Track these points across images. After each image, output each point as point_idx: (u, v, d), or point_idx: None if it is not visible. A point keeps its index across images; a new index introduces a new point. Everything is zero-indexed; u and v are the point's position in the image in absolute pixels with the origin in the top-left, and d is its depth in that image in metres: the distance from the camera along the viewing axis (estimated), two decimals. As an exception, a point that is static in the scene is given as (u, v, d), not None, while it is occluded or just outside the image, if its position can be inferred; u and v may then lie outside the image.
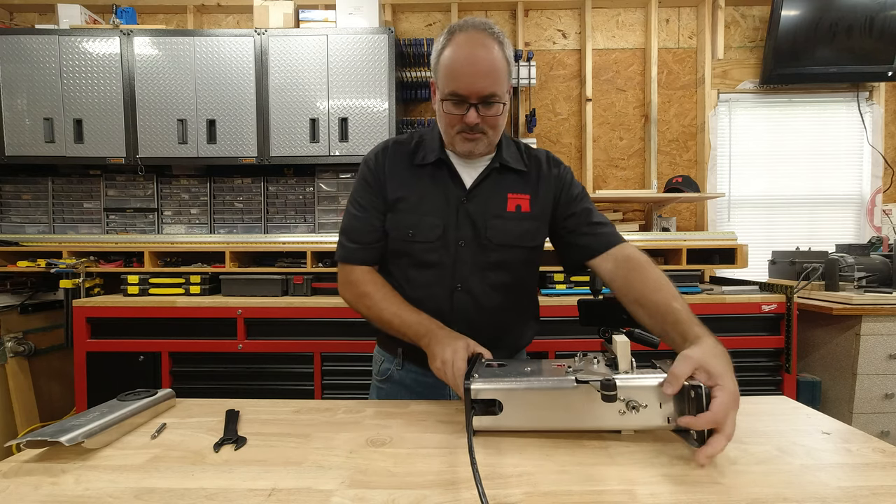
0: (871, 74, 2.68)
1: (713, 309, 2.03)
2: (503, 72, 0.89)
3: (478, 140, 0.93)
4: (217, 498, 0.56)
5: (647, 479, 0.59)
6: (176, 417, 0.82)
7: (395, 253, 1.01)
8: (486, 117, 0.90)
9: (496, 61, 0.88)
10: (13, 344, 2.15)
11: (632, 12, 2.85)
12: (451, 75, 0.88)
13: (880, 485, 0.58)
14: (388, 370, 1.06)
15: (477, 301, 0.98)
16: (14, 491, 0.58)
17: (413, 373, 1.03)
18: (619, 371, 0.72)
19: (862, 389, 1.99)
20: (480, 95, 0.88)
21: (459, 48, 0.88)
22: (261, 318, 2.00)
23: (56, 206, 2.58)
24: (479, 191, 0.98)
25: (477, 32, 0.88)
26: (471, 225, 0.97)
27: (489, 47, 0.87)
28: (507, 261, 0.99)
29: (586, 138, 2.80)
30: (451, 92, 0.89)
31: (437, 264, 0.98)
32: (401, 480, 0.60)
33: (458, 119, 0.91)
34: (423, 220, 0.97)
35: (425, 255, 0.97)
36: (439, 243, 0.97)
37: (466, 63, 0.87)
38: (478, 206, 0.98)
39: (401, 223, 0.98)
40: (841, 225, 2.88)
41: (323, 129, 2.36)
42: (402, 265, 1.01)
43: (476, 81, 0.87)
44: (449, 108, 0.90)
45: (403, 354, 1.04)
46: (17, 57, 2.33)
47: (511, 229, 0.98)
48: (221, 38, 2.35)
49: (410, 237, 0.97)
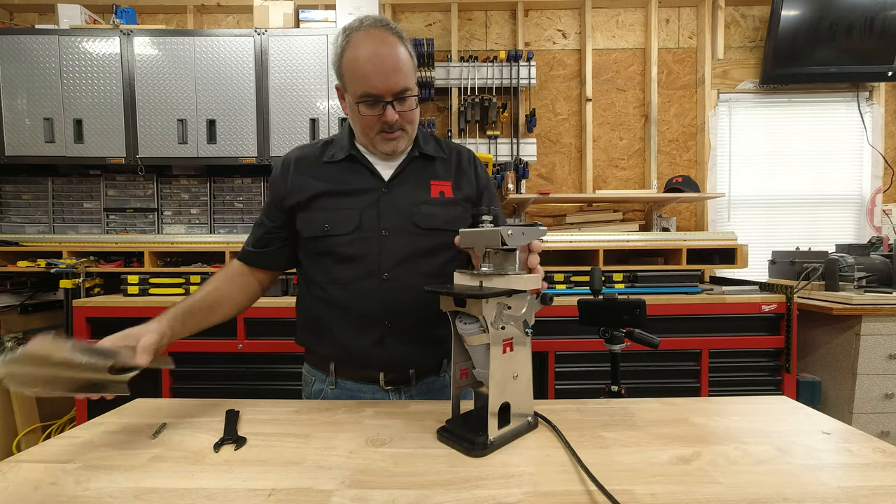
0: (871, 74, 2.68)
1: (713, 309, 2.03)
2: (410, 66, 0.89)
3: (399, 138, 0.93)
4: (217, 498, 0.56)
5: (647, 479, 0.59)
6: (176, 417, 0.81)
7: (315, 253, 0.97)
8: (403, 112, 0.90)
9: (401, 55, 0.87)
10: (13, 344, 2.15)
11: (632, 12, 2.85)
12: (359, 76, 0.86)
13: (880, 485, 0.58)
14: (321, 391, 1.00)
15: (408, 291, 0.93)
16: (14, 491, 0.58)
17: (348, 390, 0.98)
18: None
19: (862, 389, 1.99)
20: (393, 92, 0.87)
21: (362, 48, 0.85)
22: (261, 318, 2.00)
23: (56, 206, 2.58)
24: (402, 179, 0.98)
25: (375, 30, 0.86)
26: (396, 213, 0.95)
27: (391, 43, 0.86)
28: (437, 247, 0.96)
29: (586, 138, 2.80)
30: (363, 93, 0.87)
31: (361, 257, 0.94)
32: (401, 480, 0.60)
33: (375, 120, 0.90)
34: (338, 214, 0.94)
35: (345, 248, 0.94)
36: (357, 234, 0.94)
37: (373, 62, 0.85)
38: (401, 193, 0.96)
39: (314, 220, 0.95)
40: (841, 225, 2.88)
41: (323, 129, 2.36)
42: (324, 265, 0.96)
43: (387, 78, 0.86)
44: (364, 110, 0.89)
45: (336, 371, 0.98)
46: (17, 57, 2.33)
47: (439, 214, 0.97)
48: (221, 38, 2.35)
49: (326, 231, 0.94)
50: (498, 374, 0.70)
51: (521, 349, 0.74)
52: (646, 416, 0.82)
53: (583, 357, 2.00)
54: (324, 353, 0.99)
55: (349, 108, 0.93)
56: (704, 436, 0.73)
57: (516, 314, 0.71)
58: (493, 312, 0.69)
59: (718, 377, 2.03)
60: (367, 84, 0.86)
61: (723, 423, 0.77)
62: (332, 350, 0.97)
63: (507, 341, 0.71)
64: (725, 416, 0.81)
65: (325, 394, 0.99)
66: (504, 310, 0.70)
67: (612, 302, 1.12)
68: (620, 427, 0.77)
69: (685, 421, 0.79)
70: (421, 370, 0.98)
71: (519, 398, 0.74)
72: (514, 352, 0.72)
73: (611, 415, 0.83)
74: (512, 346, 0.72)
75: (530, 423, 0.76)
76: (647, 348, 1.12)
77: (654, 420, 0.80)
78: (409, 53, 0.90)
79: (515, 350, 0.73)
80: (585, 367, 2.00)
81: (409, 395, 0.98)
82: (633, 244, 2.27)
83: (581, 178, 2.86)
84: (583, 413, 0.84)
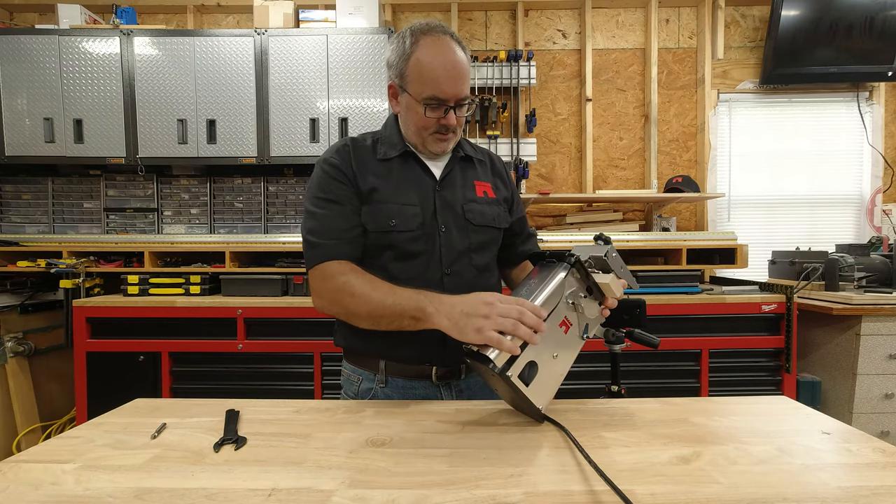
0: (871, 74, 2.68)
1: (713, 309, 2.03)
2: (470, 74, 0.96)
3: (449, 139, 0.98)
4: (217, 498, 0.56)
5: (647, 479, 0.59)
6: (176, 417, 0.81)
7: (375, 249, 0.96)
8: (459, 118, 0.96)
9: (467, 65, 0.93)
10: (13, 344, 2.15)
11: (632, 12, 2.85)
12: (429, 79, 0.90)
13: (880, 485, 0.58)
14: (371, 390, 0.98)
15: (468, 284, 0.95)
16: (14, 491, 0.58)
17: (400, 388, 0.98)
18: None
19: (862, 389, 1.99)
20: (459, 98, 0.93)
21: (435, 53, 0.90)
22: (261, 318, 2.00)
23: (56, 206, 2.58)
24: (450, 179, 1.02)
25: (445, 37, 0.91)
26: (450, 210, 0.99)
27: (458, 52, 0.92)
28: (486, 242, 1.03)
29: (586, 138, 2.80)
30: (430, 96, 0.91)
31: (423, 252, 0.96)
32: (401, 480, 0.60)
33: (434, 122, 0.94)
34: (402, 209, 0.95)
35: (409, 244, 0.95)
36: (421, 231, 0.95)
37: (447, 68, 0.90)
38: (452, 192, 1.01)
39: (379, 214, 0.94)
40: (841, 225, 2.88)
41: (323, 129, 2.36)
42: (383, 261, 0.95)
43: (456, 86, 0.91)
44: (429, 112, 0.92)
45: (387, 369, 0.97)
46: (17, 57, 2.33)
47: (486, 211, 1.03)
48: (221, 38, 2.35)
49: (392, 227, 0.94)
50: (543, 336, 0.72)
51: (572, 345, 0.79)
52: (646, 416, 0.82)
53: (583, 357, 1.99)
54: (375, 351, 0.98)
55: (407, 107, 0.96)
56: (704, 436, 0.73)
57: (585, 313, 0.76)
58: (574, 287, 0.75)
59: (718, 377, 2.03)
60: (436, 88, 0.90)
61: (723, 423, 0.77)
62: (388, 348, 0.96)
63: (566, 322, 0.76)
64: (725, 416, 0.80)
65: (374, 392, 0.99)
66: (581, 300, 0.76)
67: (612, 302, 1.12)
68: (620, 427, 0.77)
69: (685, 421, 0.79)
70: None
71: (544, 378, 0.75)
72: (567, 336, 0.77)
73: (611, 415, 0.82)
74: (567, 329, 0.77)
75: (539, 413, 0.76)
76: (647, 348, 1.12)
77: (654, 420, 0.80)
78: (469, 63, 0.96)
79: (568, 337, 0.78)
80: (585, 367, 2.00)
81: (458, 390, 1.01)
82: (633, 244, 2.27)
83: (581, 178, 2.86)
84: (583, 413, 0.84)
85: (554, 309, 0.75)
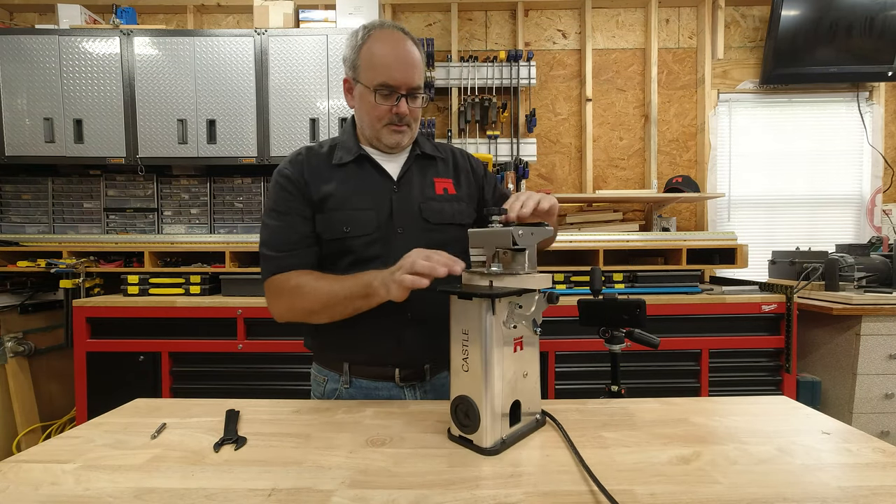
0: (871, 74, 2.68)
1: (713, 309, 2.03)
2: (423, 68, 0.97)
3: (404, 132, 0.98)
4: (217, 498, 0.56)
5: (648, 479, 0.59)
6: (176, 417, 0.81)
7: (333, 255, 0.97)
8: (412, 109, 0.96)
9: (418, 57, 0.95)
10: (13, 344, 2.15)
11: (632, 12, 2.85)
12: (380, 67, 0.92)
13: (880, 485, 0.58)
14: (335, 390, 1.00)
15: (432, 284, 0.95)
16: (14, 491, 0.58)
17: (364, 388, 0.98)
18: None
19: (862, 389, 1.99)
20: (410, 86, 0.94)
21: (385, 43, 0.92)
22: (261, 318, 2.00)
23: (56, 206, 2.58)
24: (408, 178, 1.01)
25: (397, 32, 0.94)
26: (407, 210, 0.98)
27: (409, 44, 0.94)
28: (447, 241, 0.97)
29: (586, 138, 2.80)
30: (381, 83, 0.92)
31: (380, 256, 0.95)
32: (401, 480, 0.60)
33: (387, 111, 0.94)
34: (356, 215, 0.95)
35: (366, 249, 0.95)
36: (377, 234, 0.95)
37: (396, 56, 0.92)
38: (409, 192, 1.00)
39: (333, 221, 0.95)
40: (841, 225, 2.88)
41: (323, 129, 2.36)
42: (342, 267, 0.96)
43: (406, 72, 0.92)
44: (379, 99, 0.93)
45: (350, 370, 0.98)
46: (17, 57, 2.33)
47: (446, 209, 1.02)
48: (221, 38, 2.35)
49: (346, 233, 0.95)
50: (509, 372, 0.71)
51: (530, 348, 0.75)
52: (646, 416, 0.82)
53: (583, 357, 2.00)
54: (338, 353, 1.00)
55: (360, 98, 0.97)
56: (704, 436, 0.73)
57: (526, 313, 0.71)
58: (506, 312, 0.70)
59: (718, 377, 2.03)
60: (386, 74, 0.91)
61: (723, 423, 0.77)
62: (349, 350, 0.98)
63: (517, 340, 0.73)
64: (725, 416, 0.81)
65: (339, 393, 1.00)
66: (515, 309, 0.71)
67: (612, 302, 1.12)
68: (621, 427, 0.77)
69: (685, 421, 0.79)
70: (436, 364, 1.00)
71: (528, 396, 0.75)
72: (523, 350, 0.74)
73: (611, 415, 0.83)
74: (522, 344, 0.73)
75: (538, 421, 0.77)
76: (647, 348, 1.12)
77: (654, 420, 0.80)
78: (423, 59, 0.97)
79: (525, 349, 0.74)
80: (585, 367, 2.00)
81: (423, 391, 1.00)
82: (633, 244, 2.27)
83: (581, 178, 2.86)
84: (583, 413, 0.84)
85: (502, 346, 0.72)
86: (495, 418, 0.69)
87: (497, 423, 0.69)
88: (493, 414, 0.68)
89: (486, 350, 0.68)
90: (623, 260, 2.51)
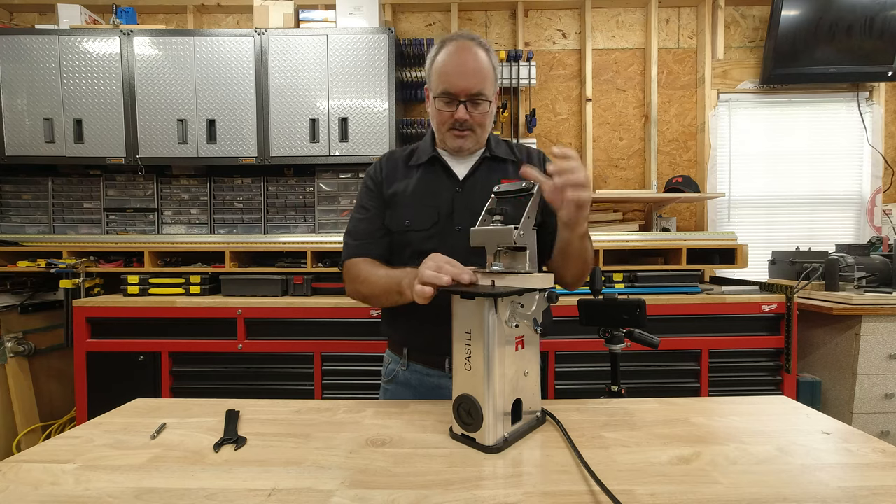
0: (871, 74, 2.68)
1: (713, 309, 2.03)
2: (489, 74, 1.00)
3: (466, 137, 1.03)
4: (217, 498, 0.56)
5: (648, 479, 0.59)
6: (176, 417, 0.81)
7: (398, 246, 1.06)
8: (474, 114, 1.01)
9: (482, 64, 0.99)
10: (13, 344, 2.15)
11: (632, 12, 2.85)
12: (442, 76, 0.99)
13: (880, 485, 0.58)
14: (394, 371, 1.10)
15: None
16: (14, 491, 0.58)
17: (418, 373, 1.06)
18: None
19: (862, 389, 1.99)
20: (468, 93, 0.98)
21: (450, 53, 0.99)
22: (261, 318, 2.00)
23: (56, 206, 2.58)
24: (474, 180, 1.06)
25: (465, 41, 1.00)
26: (468, 211, 1.01)
27: (476, 52, 0.99)
28: None
29: (586, 138, 2.80)
30: (442, 91, 0.99)
31: (437, 251, 0.97)
32: (401, 480, 0.60)
33: (448, 116, 1.01)
34: (419, 210, 1.03)
35: (424, 243, 1.02)
36: (435, 230, 1.02)
37: (456, 65, 0.98)
38: (473, 193, 1.04)
39: (398, 215, 1.05)
40: (841, 225, 2.88)
41: (323, 129, 2.36)
42: (404, 258, 1.05)
43: (464, 80, 0.97)
44: (441, 105, 1.01)
45: (408, 355, 1.07)
46: (17, 57, 2.33)
47: None
48: (221, 38, 2.35)
49: (408, 226, 1.04)
50: (511, 371, 0.72)
51: (530, 347, 0.76)
52: (646, 416, 0.82)
53: (583, 357, 2.00)
54: (399, 338, 1.09)
55: (431, 105, 1.05)
56: (704, 436, 0.73)
57: (527, 312, 0.72)
58: (507, 311, 0.71)
59: (718, 377, 2.03)
60: (447, 82, 0.98)
61: (723, 423, 0.78)
62: (406, 336, 1.07)
63: (518, 339, 0.74)
64: (725, 416, 0.81)
65: (397, 374, 1.10)
66: (517, 308, 0.72)
67: (612, 302, 1.12)
68: (621, 427, 0.77)
69: (685, 421, 0.79)
70: None
71: (529, 395, 0.76)
72: (524, 349, 0.75)
73: (611, 415, 0.83)
74: (523, 343, 0.74)
75: (539, 419, 0.78)
76: (647, 348, 1.12)
77: (654, 420, 0.80)
78: (493, 65, 1.01)
79: (526, 348, 0.75)
80: (585, 367, 2.00)
81: None
82: (633, 244, 2.27)
83: (581, 178, 2.85)
84: (583, 413, 0.84)
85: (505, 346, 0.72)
86: (497, 416, 0.70)
87: (499, 422, 0.70)
88: (495, 412, 0.69)
89: (489, 349, 0.69)
90: (623, 260, 2.51)
